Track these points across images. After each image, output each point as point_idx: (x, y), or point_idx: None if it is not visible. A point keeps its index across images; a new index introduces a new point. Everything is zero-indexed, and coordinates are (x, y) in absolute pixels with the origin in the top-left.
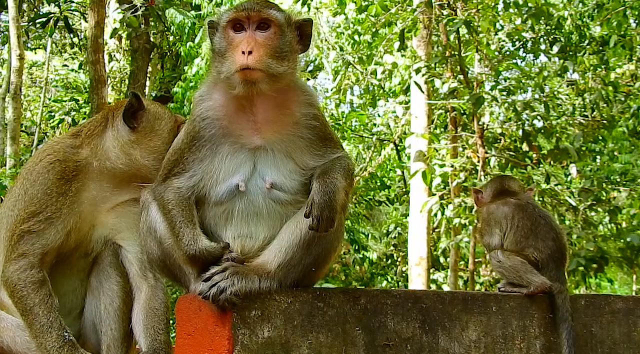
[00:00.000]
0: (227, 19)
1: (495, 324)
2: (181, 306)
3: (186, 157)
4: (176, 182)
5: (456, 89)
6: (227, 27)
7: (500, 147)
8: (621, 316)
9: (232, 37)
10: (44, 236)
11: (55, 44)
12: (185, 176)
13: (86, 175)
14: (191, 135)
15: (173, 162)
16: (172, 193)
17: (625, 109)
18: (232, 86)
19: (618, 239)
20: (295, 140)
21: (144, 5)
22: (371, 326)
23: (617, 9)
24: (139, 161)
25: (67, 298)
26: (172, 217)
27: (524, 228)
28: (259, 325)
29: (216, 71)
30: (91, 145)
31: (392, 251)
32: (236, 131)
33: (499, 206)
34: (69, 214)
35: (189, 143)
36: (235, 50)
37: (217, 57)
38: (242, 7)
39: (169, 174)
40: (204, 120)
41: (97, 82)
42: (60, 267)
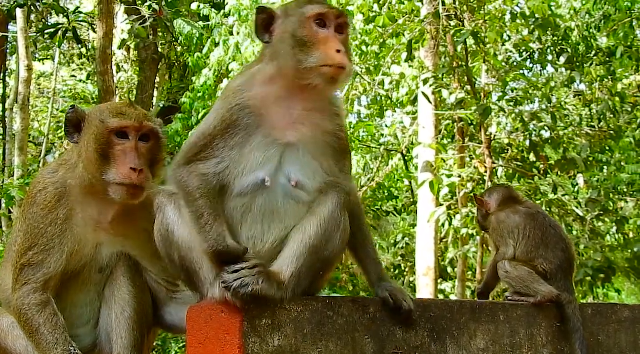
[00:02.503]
0: (312, 12)
1: (503, 332)
2: (192, 315)
3: (216, 143)
4: (202, 168)
5: (464, 99)
6: (310, 20)
7: (507, 157)
8: (628, 325)
9: (316, 31)
10: (45, 265)
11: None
12: (212, 161)
13: (70, 197)
14: (227, 123)
15: (201, 147)
16: (198, 180)
17: (632, 120)
18: (304, 77)
19: (625, 250)
20: (324, 145)
21: (152, 16)
22: (380, 334)
23: (623, 20)
24: (86, 170)
25: (84, 310)
26: (199, 208)
27: (535, 238)
28: (269, 334)
29: (295, 59)
30: (67, 165)
31: (399, 261)
32: (271, 124)
33: (509, 214)
34: (63, 241)
35: (223, 130)
36: (327, 46)
37: (295, 46)
38: (328, 6)
39: (193, 159)
40: (244, 110)
41: (106, 93)
42: (73, 282)
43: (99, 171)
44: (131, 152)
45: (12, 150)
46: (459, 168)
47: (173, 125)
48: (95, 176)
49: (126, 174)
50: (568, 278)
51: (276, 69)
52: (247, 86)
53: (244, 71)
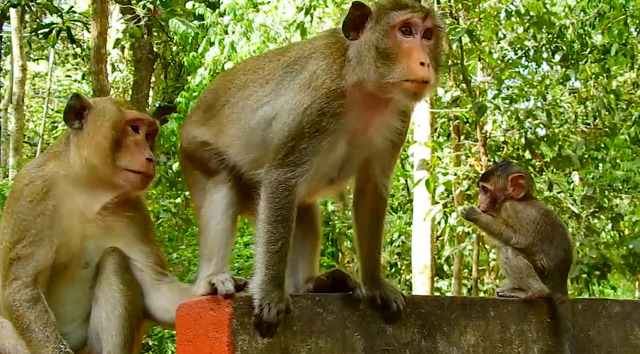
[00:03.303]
0: (399, 19)
1: (493, 328)
2: (181, 313)
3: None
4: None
5: (459, 97)
6: (394, 29)
7: (503, 155)
8: (618, 320)
9: (400, 40)
10: (34, 258)
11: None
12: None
13: (58, 189)
14: (315, 128)
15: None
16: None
17: (627, 117)
18: (386, 91)
19: (621, 246)
20: (384, 153)
21: (146, 16)
22: (370, 331)
23: (618, 18)
24: (89, 159)
25: (70, 308)
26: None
27: (544, 233)
28: (258, 331)
29: (377, 73)
30: (57, 157)
31: (396, 260)
32: (352, 130)
33: (527, 207)
34: (52, 232)
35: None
36: (410, 59)
37: (377, 57)
38: (417, 9)
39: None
40: (334, 116)
41: (100, 93)
42: (60, 279)
43: (109, 157)
44: (143, 144)
45: (7, 150)
46: (454, 166)
47: (169, 125)
48: (104, 162)
49: (143, 163)
50: (564, 278)
51: (357, 78)
52: (339, 89)
53: (333, 68)
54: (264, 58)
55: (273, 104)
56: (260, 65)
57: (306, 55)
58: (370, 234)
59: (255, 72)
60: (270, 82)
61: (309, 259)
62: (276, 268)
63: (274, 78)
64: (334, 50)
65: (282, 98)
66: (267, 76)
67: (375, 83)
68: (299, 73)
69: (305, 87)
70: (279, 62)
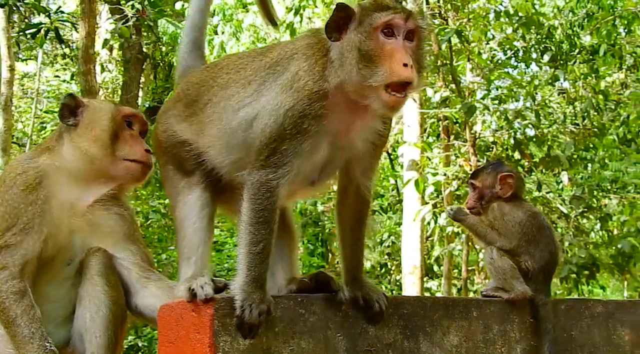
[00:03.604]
0: (381, 20)
1: (476, 329)
2: (163, 314)
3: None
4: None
5: (448, 98)
6: (377, 29)
7: (492, 155)
8: (601, 320)
9: (383, 42)
10: (22, 246)
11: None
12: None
13: (50, 180)
14: (296, 129)
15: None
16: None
17: (615, 117)
18: (365, 96)
19: (609, 246)
20: (366, 155)
21: (135, 16)
22: (353, 332)
23: (606, 19)
24: (88, 151)
25: (52, 306)
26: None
27: (530, 235)
28: (240, 332)
29: (359, 75)
30: (49, 151)
31: (386, 260)
32: (333, 132)
33: (513, 209)
34: (42, 222)
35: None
36: (393, 60)
37: (359, 59)
38: (398, 11)
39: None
40: (316, 118)
41: (88, 93)
42: (43, 275)
43: (109, 148)
44: (139, 137)
45: None
46: (444, 166)
47: None
48: (103, 153)
49: (143, 153)
50: (547, 280)
51: (339, 79)
52: (321, 91)
53: (315, 69)
54: (247, 57)
55: (254, 104)
56: (243, 65)
57: (288, 56)
58: (352, 235)
59: (238, 72)
60: (252, 83)
61: (288, 259)
62: (258, 269)
63: (256, 79)
64: (315, 50)
65: (264, 98)
66: (250, 77)
67: (357, 85)
68: (281, 74)
69: (287, 88)
70: (261, 62)
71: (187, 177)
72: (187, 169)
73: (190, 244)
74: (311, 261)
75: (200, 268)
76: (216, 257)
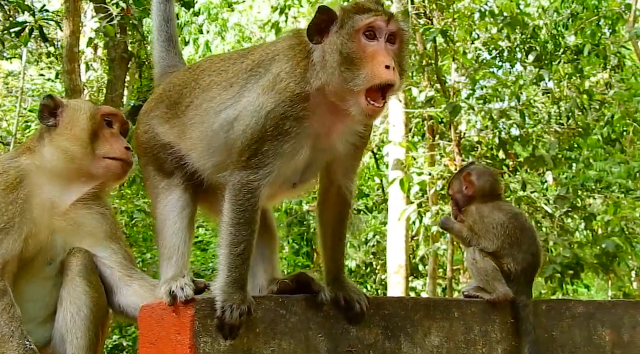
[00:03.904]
0: (363, 23)
1: (457, 329)
2: (143, 315)
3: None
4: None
5: (433, 97)
6: (359, 31)
7: (477, 155)
8: (582, 320)
9: (364, 44)
10: (2, 246)
11: (31, 54)
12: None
13: (31, 180)
14: (277, 131)
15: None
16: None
17: (599, 117)
18: (345, 100)
19: (594, 246)
20: (347, 157)
21: (119, 15)
22: (334, 332)
23: (590, 19)
24: (68, 150)
25: (32, 306)
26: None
27: (513, 237)
28: (220, 333)
29: (341, 78)
30: (30, 151)
31: (371, 259)
32: (315, 134)
33: (493, 210)
34: (22, 221)
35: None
36: (374, 62)
37: (341, 62)
38: (380, 13)
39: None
40: (297, 120)
41: (72, 92)
42: (24, 274)
43: (89, 147)
44: (119, 136)
45: None
46: (429, 166)
47: None
48: (83, 152)
49: (122, 150)
50: (529, 282)
51: (320, 82)
52: (303, 93)
53: (296, 71)
54: (228, 59)
55: (236, 106)
56: (225, 67)
57: (270, 58)
58: (333, 236)
59: (220, 74)
60: (234, 85)
61: (269, 260)
62: (239, 270)
63: (238, 81)
64: (297, 52)
65: (245, 100)
66: (231, 79)
67: (338, 88)
68: (262, 76)
69: (268, 89)
70: (242, 65)
71: (167, 178)
72: (167, 170)
73: (170, 245)
74: (296, 260)
75: (181, 268)
76: (201, 256)
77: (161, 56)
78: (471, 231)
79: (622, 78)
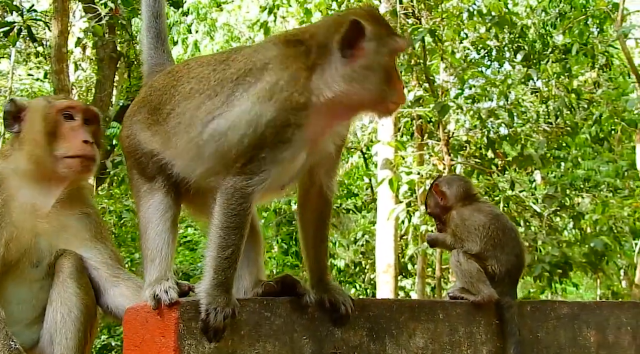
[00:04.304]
0: (400, 46)
1: (442, 331)
2: (128, 318)
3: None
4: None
5: (422, 97)
6: (396, 52)
7: (465, 154)
8: (567, 321)
9: (393, 63)
10: None
11: (19, 53)
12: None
13: (9, 184)
14: (278, 138)
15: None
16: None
17: (588, 116)
18: (368, 107)
19: (582, 245)
20: (331, 157)
21: (108, 15)
22: (319, 334)
23: (578, 18)
24: (32, 154)
25: (19, 308)
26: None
27: (495, 238)
28: (205, 336)
29: (378, 92)
30: (5, 157)
31: (360, 259)
32: (312, 139)
33: (473, 213)
34: (2, 224)
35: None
36: (399, 79)
37: (382, 79)
38: (410, 44)
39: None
40: (298, 127)
41: (61, 92)
42: (10, 277)
43: (48, 149)
44: (79, 129)
45: None
46: (417, 165)
47: None
48: (44, 155)
49: (79, 146)
50: (514, 283)
51: (334, 95)
52: (306, 101)
53: (298, 78)
54: (207, 65)
55: (226, 115)
56: (205, 75)
57: (259, 67)
58: (316, 237)
59: (200, 82)
60: (219, 94)
61: (254, 262)
62: (225, 273)
63: (224, 90)
64: (293, 61)
65: (237, 109)
66: (216, 88)
67: (371, 100)
68: (253, 85)
69: (265, 98)
70: (225, 73)
71: (149, 182)
72: (149, 174)
73: (153, 247)
74: (285, 259)
75: (165, 270)
76: (189, 256)
77: (149, 54)
78: (454, 236)
79: (610, 77)
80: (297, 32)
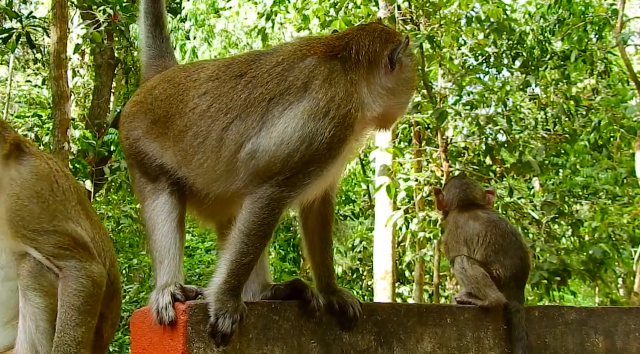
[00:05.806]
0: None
1: (450, 335)
2: (136, 321)
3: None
4: None
5: (420, 103)
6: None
7: (463, 161)
8: (574, 327)
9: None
10: None
11: (18, 60)
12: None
13: None
14: (330, 153)
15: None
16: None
17: (586, 123)
18: (393, 120)
19: (580, 252)
20: None
21: (106, 21)
22: (326, 339)
23: (577, 24)
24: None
25: None
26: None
27: (496, 244)
28: (213, 340)
29: (406, 104)
30: None
31: (357, 265)
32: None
33: (468, 221)
34: None
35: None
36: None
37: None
38: None
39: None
40: (349, 142)
41: (60, 98)
42: None
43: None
44: None
45: None
46: (415, 172)
47: None
48: None
49: None
50: (520, 287)
51: (382, 109)
52: (360, 112)
53: (361, 89)
54: (218, 80)
55: (267, 135)
56: (223, 92)
57: (299, 86)
58: (321, 241)
59: (220, 100)
60: (252, 115)
61: (261, 264)
62: (239, 279)
63: (257, 110)
64: (340, 76)
65: (281, 127)
66: (246, 109)
67: (400, 113)
68: (296, 102)
69: (320, 115)
70: (254, 93)
71: (153, 182)
72: (152, 175)
73: (161, 248)
74: (283, 266)
75: (174, 272)
76: (187, 262)
77: (147, 43)
78: (446, 245)
79: (609, 84)
80: (329, 43)
